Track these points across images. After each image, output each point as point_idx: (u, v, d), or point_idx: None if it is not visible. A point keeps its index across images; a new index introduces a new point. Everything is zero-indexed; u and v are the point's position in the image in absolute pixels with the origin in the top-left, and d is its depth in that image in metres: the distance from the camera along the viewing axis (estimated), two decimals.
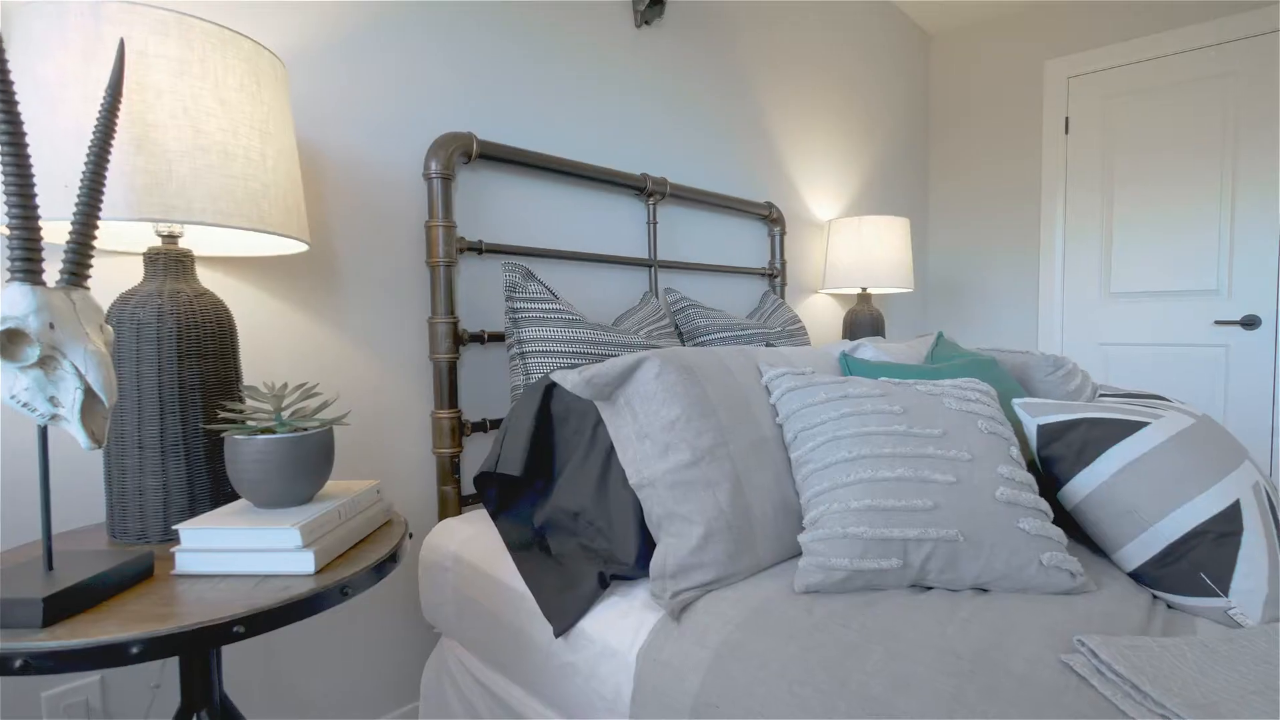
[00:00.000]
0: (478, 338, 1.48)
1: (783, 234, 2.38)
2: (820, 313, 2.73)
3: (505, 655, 1.13)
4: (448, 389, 1.42)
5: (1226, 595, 0.91)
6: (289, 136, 0.96)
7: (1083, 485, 1.03)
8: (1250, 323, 2.68)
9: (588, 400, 1.16)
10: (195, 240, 1.02)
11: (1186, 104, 2.79)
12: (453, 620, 1.26)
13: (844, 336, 2.67)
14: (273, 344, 1.23)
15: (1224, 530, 0.94)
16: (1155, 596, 0.98)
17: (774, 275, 2.38)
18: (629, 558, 1.03)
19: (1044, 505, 0.98)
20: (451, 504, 1.43)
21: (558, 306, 1.44)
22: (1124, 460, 1.01)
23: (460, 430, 1.44)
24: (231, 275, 1.17)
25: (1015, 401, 1.10)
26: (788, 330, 2.03)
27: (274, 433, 0.82)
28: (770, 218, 2.34)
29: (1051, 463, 1.07)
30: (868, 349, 1.52)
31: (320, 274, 1.30)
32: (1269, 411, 2.66)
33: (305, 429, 0.84)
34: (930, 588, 0.95)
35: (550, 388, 1.20)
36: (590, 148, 1.80)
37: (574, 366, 1.36)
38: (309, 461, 0.84)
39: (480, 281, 1.54)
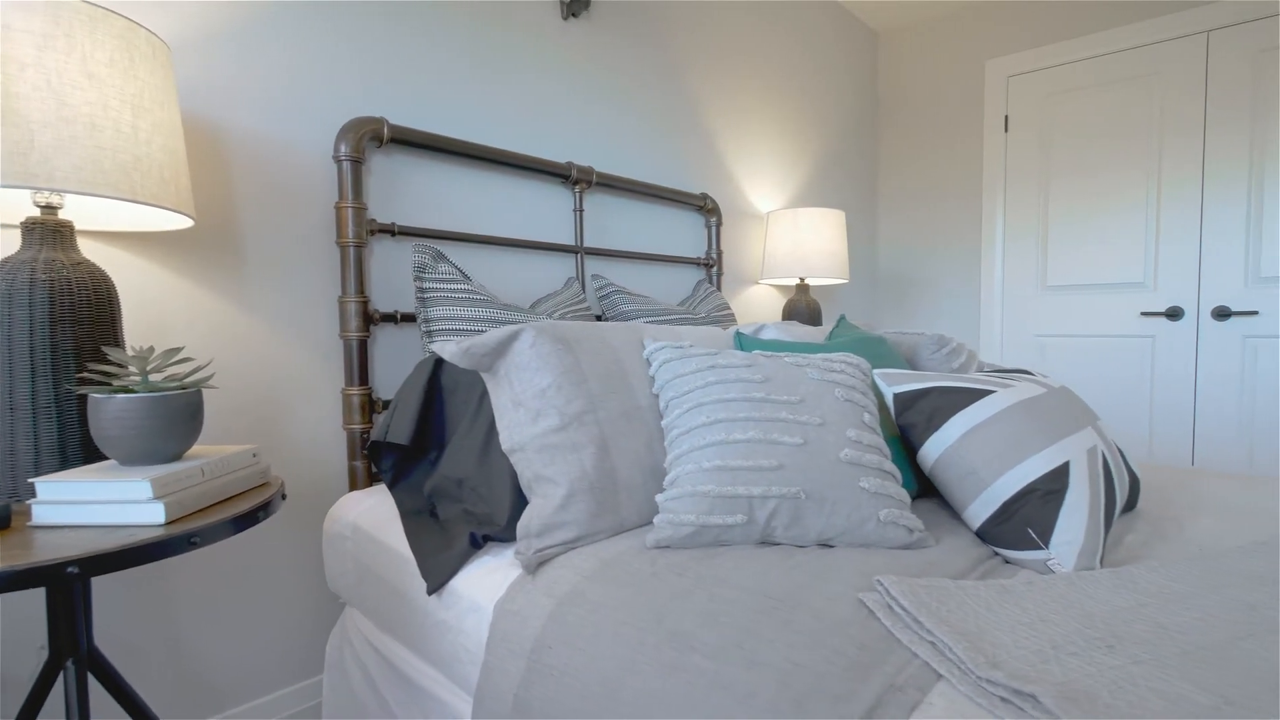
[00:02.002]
0: (390, 317, 1.52)
1: (719, 224, 2.44)
2: (761, 303, 2.79)
3: (393, 618, 1.18)
4: (358, 366, 1.46)
5: (1047, 548, 0.97)
6: (168, 112, 1.00)
7: (933, 449, 1.09)
8: (1174, 314, 2.77)
9: (475, 373, 1.21)
10: (78, 213, 1.06)
11: (1117, 103, 2.88)
12: (353, 588, 1.30)
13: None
14: (174, 318, 1.26)
15: (1051, 489, 1.00)
16: (996, 552, 1.04)
17: (710, 265, 2.44)
18: (502, 519, 1.08)
19: (889, 466, 1.04)
20: (362, 478, 1.47)
21: (467, 287, 1.48)
22: (968, 425, 1.07)
23: (370, 407, 1.48)
24: (131, 251, 1.21)
25: (875, 372, 1.16)
26: (713, 317, 2.09)
27: (133, 393, 0.86)
28: (706, 208, 2.40)
29: (908, 429, 1.13)
30: (770, 330, 1.58)
31: (227, 252, 1.33)
32: (1191, 398, 2.75)
33: (166, 390, 0.88)
34: (779, 544, 1.00)
35: (440, 361, 1.25)
36: (517, 136, 1.85)
37: None
38: (170, 421, 0.88)
39: (395, 263, 1.58)
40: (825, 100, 3.14)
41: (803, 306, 2.63)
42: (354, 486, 1.48)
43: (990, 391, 1.10)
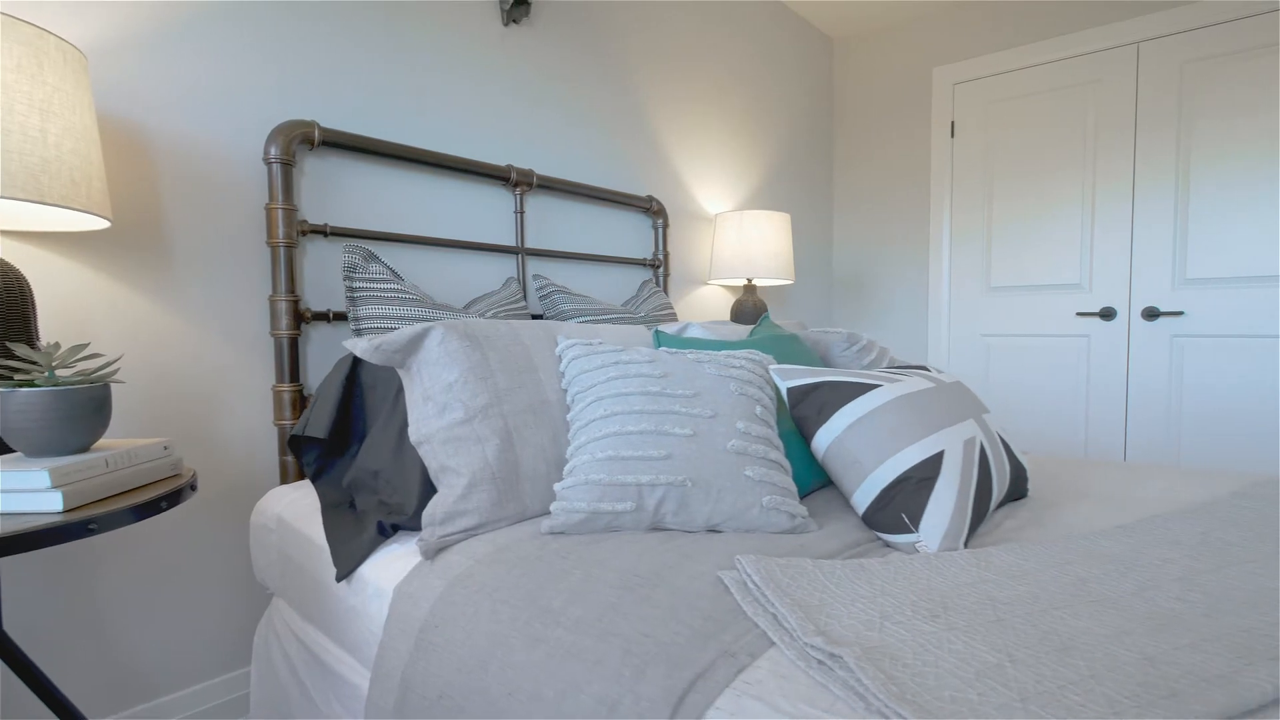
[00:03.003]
0: (323, 316, 1.56)
1: (665, 226, 2.50)
2: (710, 302, 2.85)
3: (313, 606, 1.22)
4: (289, 364, 1.50)
5: (917, 531, 1.04)
6: (80, 116, 1.03)
7: (823, 440, 1.16)
8: (1107, 314, 2.88)
9: (393, 369, 1.25)
10: None
11: (1056, 111, 2.99)
12: (278, 579, 1.34)
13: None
14: (99, 316, 1.29)
15: (924, 476, 1.07)
16: (878, 536, 1.10)
17: (656, 266, 2.50)
18: (411, 508, 1.13)
19: (775, 456, 1.10)
20: (292, 473, 1.51)
21: (397, 287, 1.52)
22: (853, 417, 1.14)
23: (301, 403, 1.51)
24: (54, 250, 1.24)
25: (772, 368, 1.22)
26: (653, 316, 2.15)
27: (36, 386, 0.90)
28: (652, 210, 2.46)
29: (801, 421, 1.19)
30: (695, 329, 1.64)
31: (153, 252, 1.36)
32: (1123, 394, 2.86)
33: (70, 384, 0.92)
34: (670, 529, 1.06)
35: (360, 358, 1.29)
36: (458, 139, 1.89)
37: None
38: (74, 414, 0.91)
39: (328, 262, 1.62)
40: (780, 105, 3.21)
41: (750, 306, 2.69)
42: (285, 481, 1.51)
43: (876, 386, 1.17)
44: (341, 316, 1.59)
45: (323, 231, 1.57)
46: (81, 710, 1.28)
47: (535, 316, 2.01)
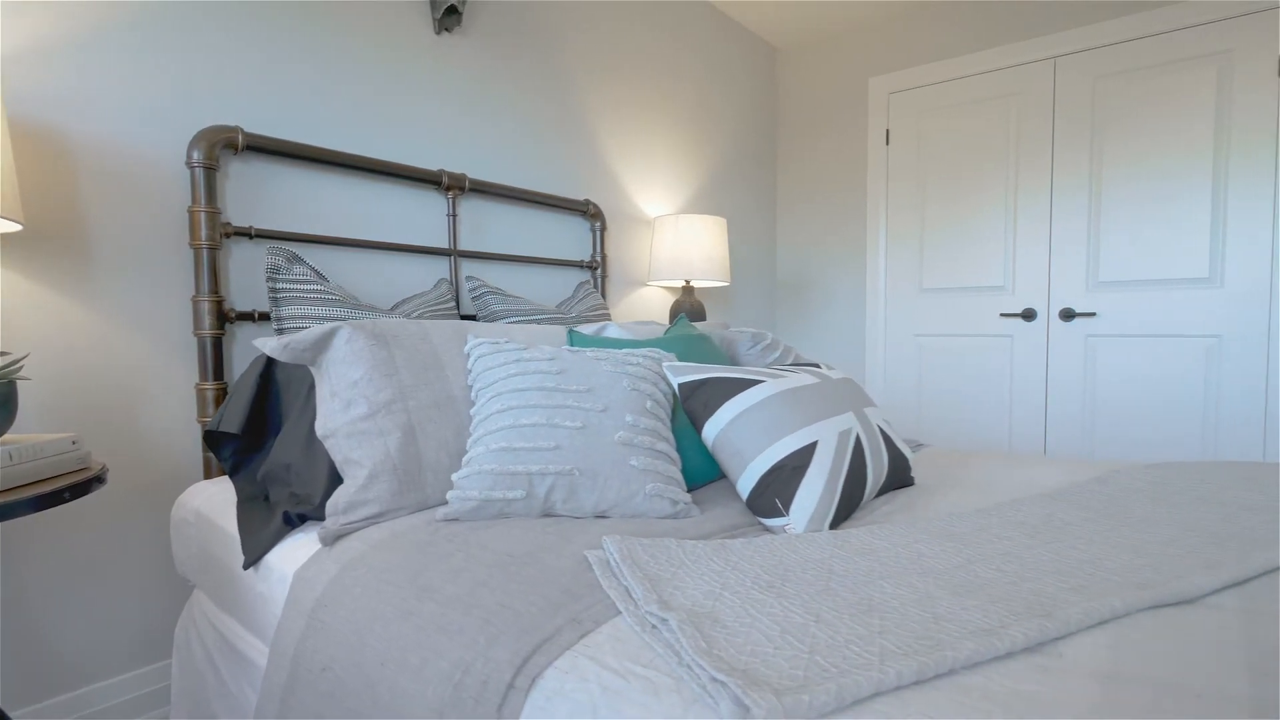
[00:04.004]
0: (248, 316, 1.60)
1: (603, 229, 2.57)
2: (650, 303, 2.94)
3: (227, 595, 1.27)
4: (211, 363, 1.54)
5: (787, 515, 1.13)
6: None
7: (710, 432, 1.24)
8: (1028, 315, 3.03)
9: (305, 368, 1.30)
10: None
11: (982, 121, 3.13)
12: (197, 571, 1.38)
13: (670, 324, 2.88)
14: (16, 317, 1.32)
15: (797, 465, 1.16)
16: (759, 520, 1.19)
17: (594, 267, 2.57)
18: (318, 499, 1.19)
19: (661, 447, 1.19)
20: (215, 468, 1.55)
21: (320, 288, 1.57)
22: (736, 411, 1.22)
23: (224, 401, 1.55)
24: None
25: (665, 365, 1.30)
26: (584, 316, 2.22)
27: None
28: (589, 213, 2.53)
29: (692, 414, 1.28)
30: (612, 329, 1.72)
31: (72, 254, 1.40)
32: (1043, 391, 3.01)
33: None
34: (560, 516, 1.14)
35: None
36: (390, 145, 1.94)
37: None
38: None
39: (254, 264, 1.66)
40: (725, 111, 3.31)
41: (687, 307, 2.78)
42: (208, 476, 1.55)
43: (759, 382, 1.26)
44: (267, 316, 1.63)
45: (247, 234, 1.61)
46: None
47: (468, 317, 2.07)
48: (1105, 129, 2.83)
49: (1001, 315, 3.10)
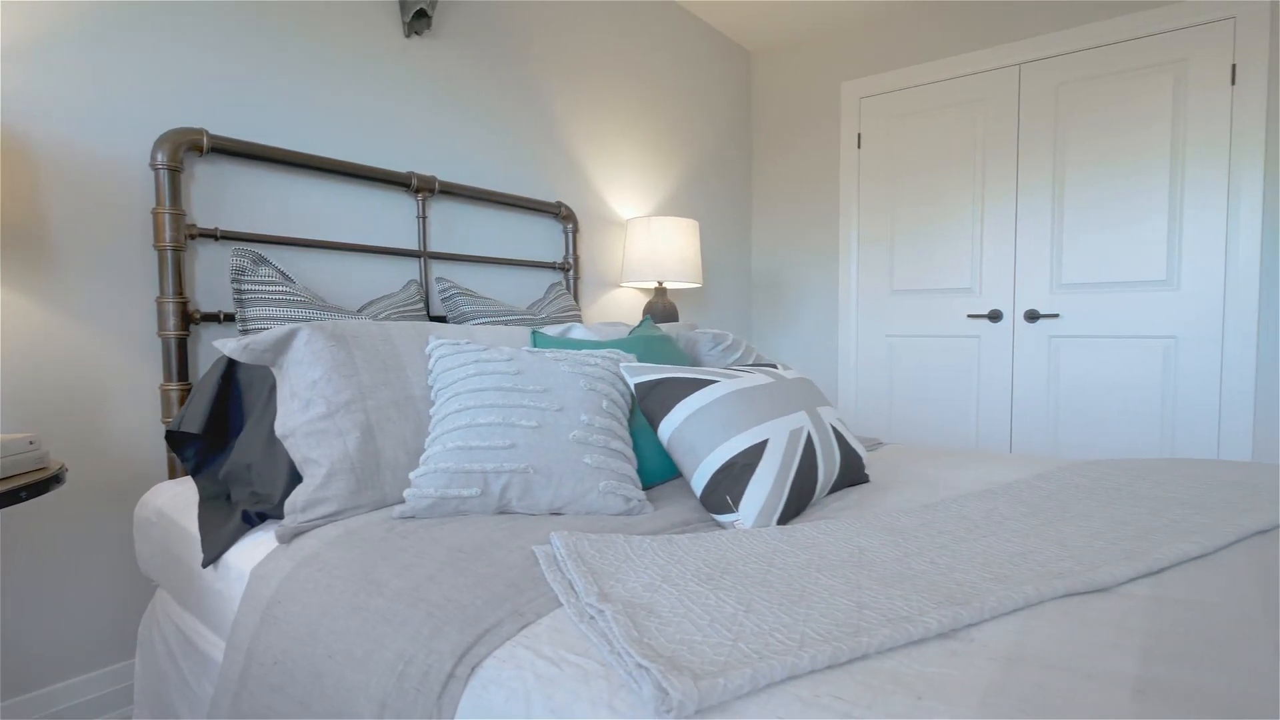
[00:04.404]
0: (214, 317, 1.61)
1: (575, 231, 2.60)
2: (623, 304, 2.97)
3: (188, 593, 1.28)
4: (176, 363, 1.55)
5: (737, 511, 1.16)
6: None
7: (666, 430, 1.27)
8: (995, 316, 3.09)
9: (267, 368, 1.32)
10: None
11: (950, 126, 3.19)
12: (159, 570, 1.39)
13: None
14: None
15: (747, 462, 1.19)
16: (712, 517, 1.22)
17: (566, 269, 2.59)
18: (277, 498, 1.20)
19: (616, 445, 1.22)
20: (181, 469, 1.56)
21: (286, 290, 1.59)
22: (690, 410, 1.26)
23: None
24: None
25: (622, 365, 1.33)
26: (555, 317, 2.24)
27: None
28: (561, 215, 2.55)
29: (648, 414, 1.31)
30: (578, 330, 1.74)
31: (35, 255, 1.40)
32: (1009, 390, 3.08)
33: None
34: (515, 513, 1.16)
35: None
36: (360, 147, 1.96)
37: None
38: None
39: (220, 265, 1.67)
40: (700, 115, 3.35)
41: (660, 308, 2.81)
42: (173, 476, 1.56)
43: (713, 382, 1.29)
44: (232, 318, 1.64)
45: (213, 235, 1.62)
46: None
47: (438, 318, 2.09)
48: (1067, 134, 2.90)
49: (969, 316, 3.17)
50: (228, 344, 1.22)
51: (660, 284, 2.84)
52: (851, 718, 0.57)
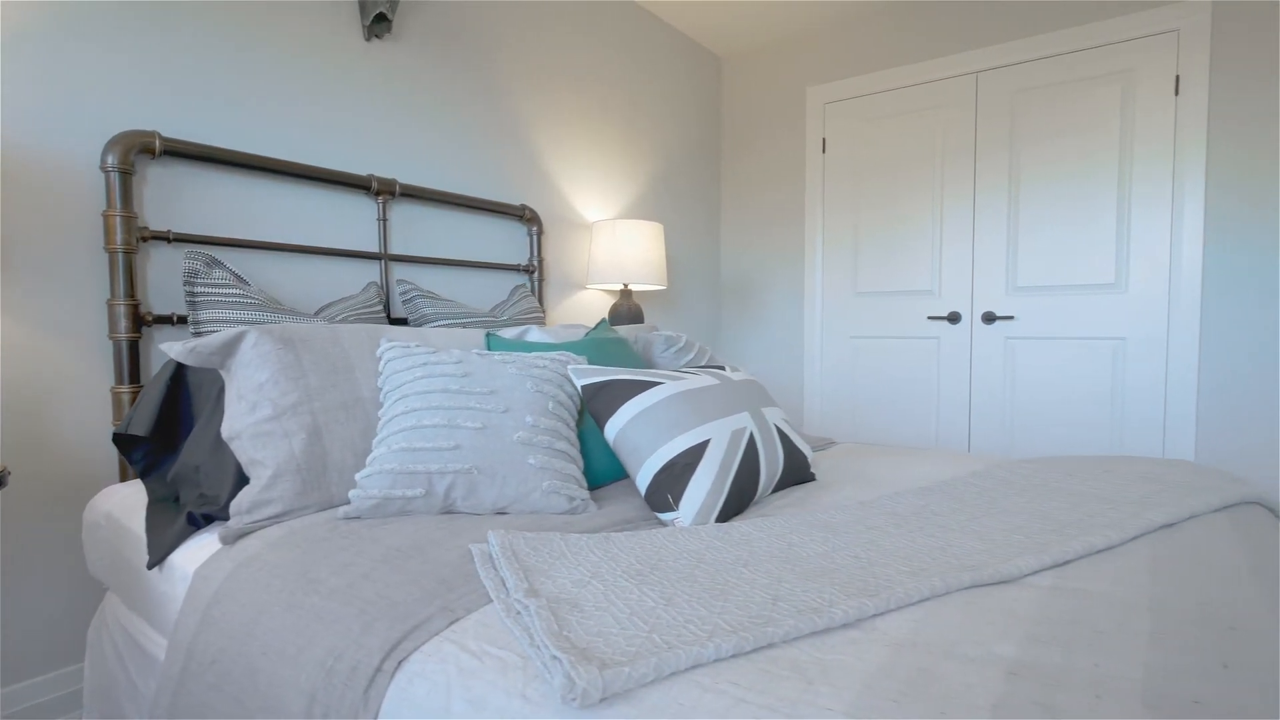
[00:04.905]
0: (166, 319, 1.61)
1: (540, 233, 2.62)
2: (589, 306, 2.99)
3: (135, 595, 1.29)
4: (128, 366, 1.55)
5: (677, 509, 1.19)
6: None
7: (612, 431, 1.31)
8: (954, 318, 3.17)
9: (215, 371, 1.33)
10: None
11: (911, 132, 3.26)
12: (108, 572, 1.39)
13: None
14: None
15: (688, 462, 1.23)
16: (655, 515, 1.25)
17: (530, 271, 2.62)
18: (224, 500, 1.21)
19: (560, 446, 1.24)
20: (132, 472, 1.56)
21: (240, 292, 1.59)
22: (635, 411, 1.29)
23: None
24: None
25: (569, 367, 1.36)
26: (517, 319, 2.27)
27: None
28: (525, 217, 2.57)
29: (595, 415, 1.34)
30: (535, 332, 1.77)
31: None
32: (967, 390, 3.16)
33: None
34: (460, 512, 1.19)
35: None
36: (320, 150, 1.96)
37: None
38: None
39: (174, 268, 1.67)
40: (670, 118, 3.38)
41: (625, 310, 2.85)
42: (125, 479, 1.56)
43: (658, 383, 1.33)
44: (185, 320, 1.64)
45: (165, 238, 1.62)
46: None
47: (399, 320, 2.10)
48: (1022, 141, 2.98)
49: (929, 318, 3.24)
50: (174, 347, 1.22)
51: (625, 286, 2.88)
52: (743, 701, 0.61)
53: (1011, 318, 3.03)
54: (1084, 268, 2.87)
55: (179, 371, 1.37)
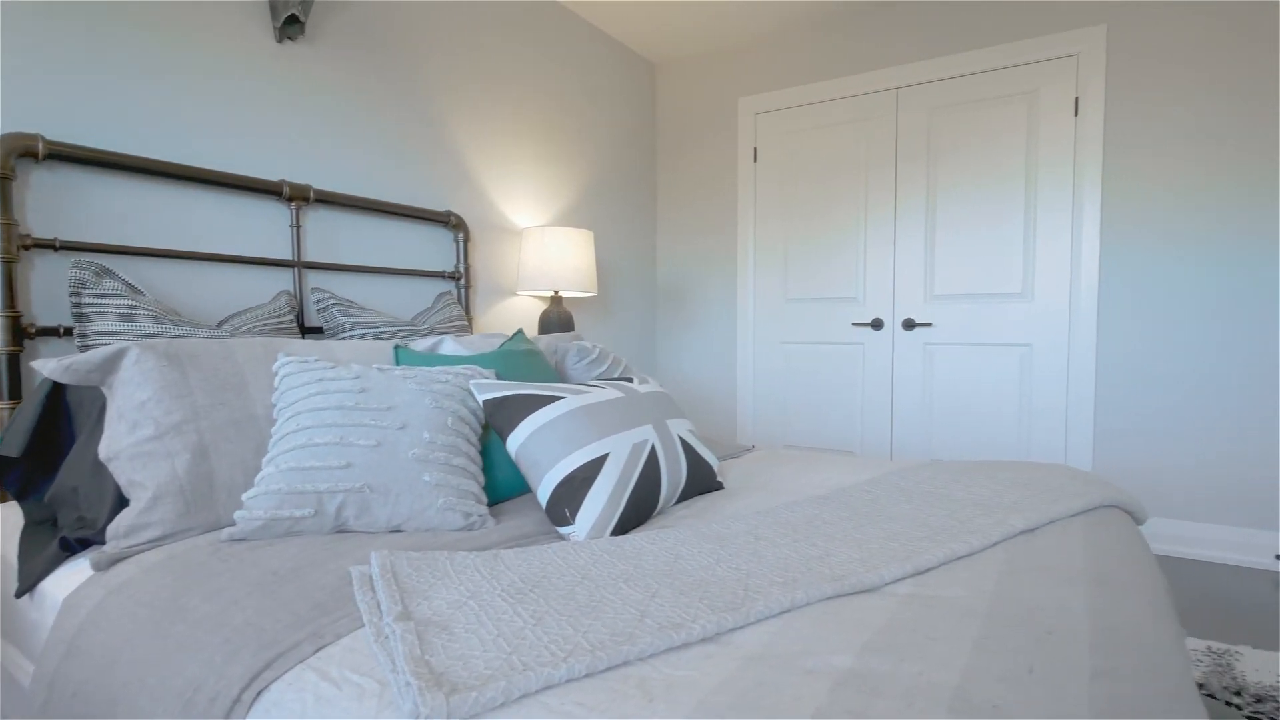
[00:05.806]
0: (53, 331, 1.54)
1: (466, 240, 2.60)
2: (519, 313, 2.99)
3: (7, 623, 1.23)
4: (8, 381, 1.47)
5: (573, 523, 1.21)
6: None
7: (513, 445, 1.31)
8: (877, 324, 3.28)
9: (97, 388, 1.28)
10: None
11: (836, 144, 3.36)
12: None
13: (539, 334, 2.94)
14: None
15: (587, 476, 1.25)
16: (555, 529, 1.27)
17: (457, 278, 2.59)
18: (101, 523, 1.17)
19: (458, 462, 1.25)
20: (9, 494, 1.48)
21: (132, 303, 1.53)
22: (536, 425, 1.30)
23: None
24: None
25: (471, 381, 1.36)
26: (438, 328, 2.25)
27: None
28: (452, 224, 2.55)
29: (497, 429, 1.34)
30: (448, 343, 1.76)
31: None
32: (889, 394, 3.27)
33: None
34: (353, 531, 1.17)
35: None
36: (229, 155, 1.90)
37: None
38: None
39: (61, 278, 1.60)
40: (603, 125, 3.40)
41: (555, 316, 2.85)
42: (4, 501, 1.48)
43: (559, 398, 1.34)
44: (72, 332, 1.57)
45: (51, 246, 1.55)
46: None
47: (313, 330, 2.06)
48: (939, 155, 3.11)
49: (854, 324, 3.35)
50: (48, 364, 1.18)
51: (556, 293, 2.88)
52: None
53: (930, 324, 3.16)
54: (995, 277, 3.01)
55: (59, 389, 1.32)
